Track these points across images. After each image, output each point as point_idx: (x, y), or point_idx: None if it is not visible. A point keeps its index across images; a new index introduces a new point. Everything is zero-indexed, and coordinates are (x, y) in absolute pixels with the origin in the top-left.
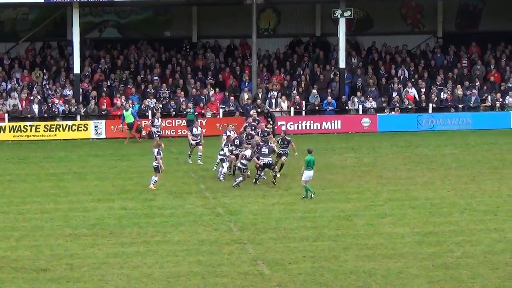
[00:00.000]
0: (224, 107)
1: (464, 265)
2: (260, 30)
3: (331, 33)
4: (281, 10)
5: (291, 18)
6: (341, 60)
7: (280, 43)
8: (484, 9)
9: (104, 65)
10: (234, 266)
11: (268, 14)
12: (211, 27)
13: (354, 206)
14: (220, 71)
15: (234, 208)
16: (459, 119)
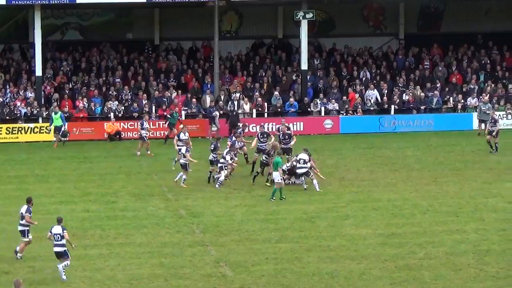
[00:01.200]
0: (187, 109)
1: (427, 266)
2: (222, 32)
3: (293, 35)
4: (243, 12)
5: (253, 20)
6: (303, 62)
7: (242, 45)
8: (445, 11)
9: (66, 68)
10: (197, 268)
11: (230, 16)
12: (173, 29)
13: (316, 207)
14: (182, 73)
15: (196, 210)
16: (421, 121)
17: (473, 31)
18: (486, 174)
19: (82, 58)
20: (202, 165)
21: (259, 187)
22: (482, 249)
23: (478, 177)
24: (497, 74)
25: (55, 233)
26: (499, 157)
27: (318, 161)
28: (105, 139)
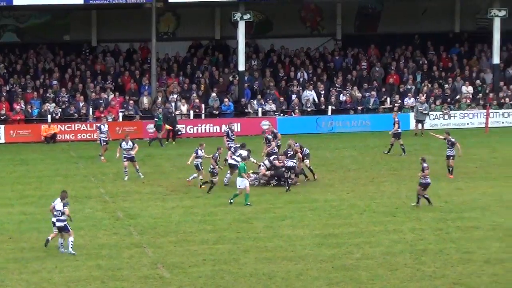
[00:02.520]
0: (124, 111)
1: (364, 266)
2: (160, 34)
3: (231, 36)
4: (181, 14)
5: (190, 22)
6: (241, 63)
7: (179, 47)
8: (382, 11)
9: (2, 70)
10: (134, 270)
11: (168, 18)
12: (111, 31)
13: (254, 208)
14: (119, 75)
15: (133, 212)
16: (358, 121)
17: (410, 31)
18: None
19: (19, 60)
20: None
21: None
22: (418, 248)
23: (414, 177)
24: (433, 74)
25: (57, 209)
26: (435, 157)
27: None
28: (42, 141)
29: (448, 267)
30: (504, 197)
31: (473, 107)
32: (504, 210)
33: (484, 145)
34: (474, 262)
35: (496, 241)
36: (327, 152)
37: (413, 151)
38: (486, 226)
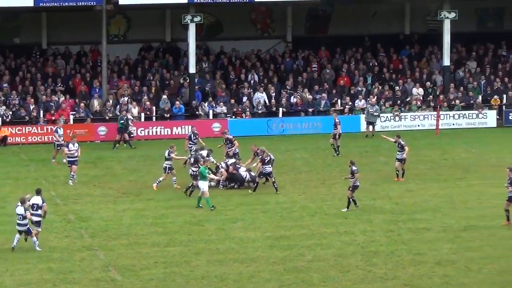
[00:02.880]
0: (75, 113)
1: (315, 268)
2: (110, 36)
3: (181, 38)
4: (131, 16)
5: (141, 24)
6: (191, 65)
7: (130, 49)
8: (333, 13)
9: None
10: (86, 272)
11: (118, 20)
12: (61, 34)
13: (205, 211)
14: (70, 78)
15: (85, 215)
16: (309, 123)
17: (361, 33)
18: (374, 175)
19: None
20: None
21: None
22: (370, 250)
23: (365, 178)
24: (384, 76)
25: (34, 203)
26: (387, 158)
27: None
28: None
29: (399, 268)
30: (455, 199)
31: (424, 109)
32: (455, 212)
33: (434, 147)
34: (425, 264)
35: (447, 243)
36: (278, 154)
37: (364, 153)
38: (437, 227)
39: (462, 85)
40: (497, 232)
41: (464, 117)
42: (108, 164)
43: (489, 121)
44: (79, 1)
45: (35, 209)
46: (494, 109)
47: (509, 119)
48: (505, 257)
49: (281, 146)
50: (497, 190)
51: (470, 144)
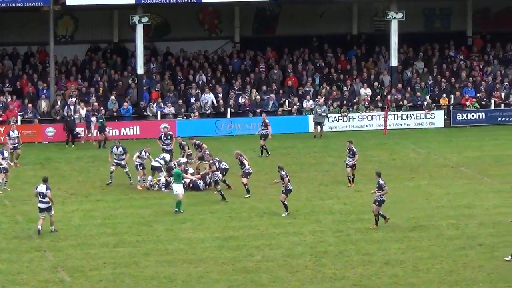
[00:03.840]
0: (22, 114)
1: (264, 268)
2: (58, 37)
3: (129, 39)
4: (79, 17)
5: (88, 24)
6: (139, 66)
7: (78, 50)
8: (280, 14)
9: None
10: (34, 274)
11: (66, 21)
12: (8, 34)
13: (154, 211)
14: (17, 79)
15: (33, 216)
16: (258, 124)
17: (308, 34)
18: (323, 176)
19: None
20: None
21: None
22: (319, 250)
23: (314, 179)
24: (331, 76)
25: (39, 191)
26: (335, 159)
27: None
28: None
29: (348, 268)
30: (403, 199)
31: (372, 109)
32: (403, 212)
33: (383, 147)
34: (374, 264)
35: (395, 243)
36: (226, 155)
37: (312, 153)
38: (385, 227)
39: (409, 85)
40: (445, 232)
41: (412, 117)
42: (56, 165)
43: (436, 121)
44: (26, 1)
45: (42, 197)
46: (442, 109)
47: (457, 119)
48: (453, 256)
49: (230, 146)
50: (445, 190)
51: (418, 144)
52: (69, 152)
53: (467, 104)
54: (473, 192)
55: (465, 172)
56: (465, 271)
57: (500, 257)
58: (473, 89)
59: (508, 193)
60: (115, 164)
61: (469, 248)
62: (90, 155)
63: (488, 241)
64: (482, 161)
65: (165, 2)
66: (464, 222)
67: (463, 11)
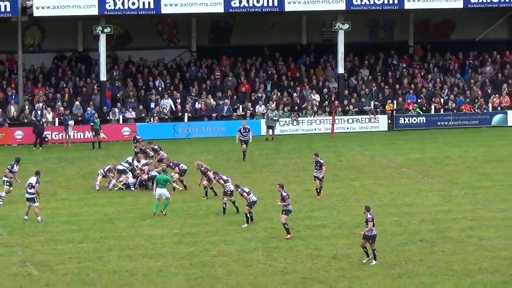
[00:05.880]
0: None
1: (220, 263)
2: (26, 46)
3: (93, 48)
4: (45, 27)
5: (55, 34)
6: (102, 73)
7: (44, 58)
8: (234, 25)
9: None
10: (4, 268)
11: (33, 31)
12: None
13: (116, 209)
14: None
15: (2, 214)
16: (213, 127)
17: (260, 43)
18: (274, 176)
19: None
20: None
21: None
22: (270, 246)
23: (266, 179)
24: (282, 83)
25: (29, 182)
26: (285, 160)
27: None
28: None
29: (298, 262)
30: (349, 198)
31: (320, 114)
32: (349, 210)
33: (330, 149)
34: (322, 258)
35: (342, 238)
36: (184, 157)
37: (265, 155)
38: (333, 224)
39: (355, 92)
40: (388, 228)
41: (358, 121)
42: (25, 167)
43: (380, 125)
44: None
45: (30, 187)
46: (385, 114)
47: (399, 123)
48: (396, 251)
49: (187, 149)
50: (388, 189)
51: (364, 146)
52: (37, 154)
53: (409, 109)
54: (415, 191)
55: (407, 172)
56: (407, 264)
57: (440, 252)
58: (415, 95)
59: (446, 192)
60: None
61: (410, 244)
62: (57, 157)
63: (428, 237)
64: (423, 162)
65: (127, 14)
66: (406, 219)
67: (405, 22)
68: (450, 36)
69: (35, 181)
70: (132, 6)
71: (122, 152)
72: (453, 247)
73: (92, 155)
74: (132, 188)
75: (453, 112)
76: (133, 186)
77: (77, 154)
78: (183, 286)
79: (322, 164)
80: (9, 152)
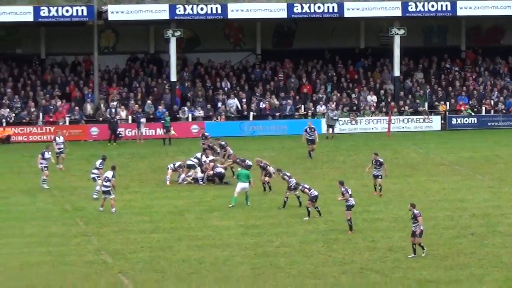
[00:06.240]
0: (70, 115)
1: (282, 253)
2: (101, 48)
3: (164, 50)
4: (119, 31)
5: (128, 37)
6: (172, 74)
7: (119, 60)
8: (297, 30)
9: None
10: (81, 256)
11: (108, 34)
12: (58, 46)
13: (185, 202)
14: (66, 84)
15: (80, 205)
16: (276, 126)
17: (321, 47)
18: (334, 172)
19: None
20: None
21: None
22: (330, 238)
23: (326, 175)
24: (342, 85)
25: (106, 176)
26: (344, 157)
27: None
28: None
29: (356, 254)
30: (404, 193)
31: (377, 114)
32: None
33: (387, 148)
34: (379, 250)
35: (397, 231)
36: (249, 153)
37: (325, 152)
38: (389, 218)
39: (410, 93)
40: (441, 222)
41: (412, 121)
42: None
43: (434, 125)
44: (74, 17)
45: (106, 181)
46: (438, 114)
47: (452, 123)
48: (448, 244)
49: (252, 146)
50: (441, 186)
51: (418, 145)
52: (111, 149)
53: (461, 110)
54: (466, 187)
55: (459, 170)
56: (459, 257)
57: (490, 245)
58: (467, 97)
59: (496, 188)
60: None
61: (462, 237)
62: (130, 152)
63: (479, 231)
64: (474, 160)
65: (195, 18)
66: (458, 214)
67: (457, 28)
68: (500, 42)
69: (111, 175)
70: (200, 11)
71: (191, 148)
72: (503, 241)
73: (163, 151)
74: (200, 182)
75: (502, 113)
76: (201, 180)
77: (149, 150)
78: (247, 274)
79: (382, 163)
80: (86, 147)
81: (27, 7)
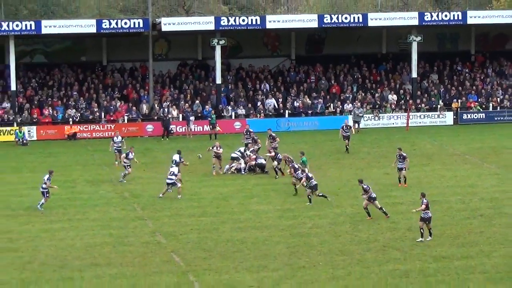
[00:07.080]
0: (128, 115)
1: (314, 233)
2: (155, 55)
3: (210, 56)
4: (171, 40)
5: (179, 46)
6: (218, 77)
7: (170, 65)
8: (326, 38)
9: (34, 84)
10: (138, 237)
11: (161, 43)
12: (118, 53)
13: (229, 189)
14: (124, 87)
15: (137, 193)
16: (309, 122)
17: (348, 53)
18: (359, 162)
19: (46, 76)
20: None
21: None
22: (356, 220)
23: (353, 165)
24: (366, 86)
25: (172, 171)
26: (368, 149)
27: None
28: (65, 138)
29: (379, 233)
30: (421, 180)
31: (397, 111)
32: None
33: (405, 140)
34: (399, 230)
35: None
36: (286, 146)
37: (352, 145)
38: (408, 202)
39: (426, 93)
40: (454, 205)
41: (428, 117)
42: (155, 154)
43: (447, 120)
44: (131, 28)
45: (171, 174)
46: (451, 110)
47: (463, 118)
48: (460, 224)
49: (287, 139)
50: (453, 173)
51: (433, 138)
52: (164, 144)
53: (471, 106)
54: (476, 174)
55: (470, 159)
56: (470, 235)
57: (497, 225)
58: (476, 95)
59: (503, 175)
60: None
61: (472, 218)
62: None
63: (487, 213)
64: (483, 150)
65: (238, 28)
66: (468, 198)
67: (467, 35)
68: (505, 46)
69: (177, 171)
70: (242, 22)
71: (234, 143)
72: (509, 221)
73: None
74: (243, 172)
75: (508, 109)
76: (243, 171)
77: (197, 144)
78: (284, 252)
79: (406, 157)
80: (142, 142)
81: (91, 20)
